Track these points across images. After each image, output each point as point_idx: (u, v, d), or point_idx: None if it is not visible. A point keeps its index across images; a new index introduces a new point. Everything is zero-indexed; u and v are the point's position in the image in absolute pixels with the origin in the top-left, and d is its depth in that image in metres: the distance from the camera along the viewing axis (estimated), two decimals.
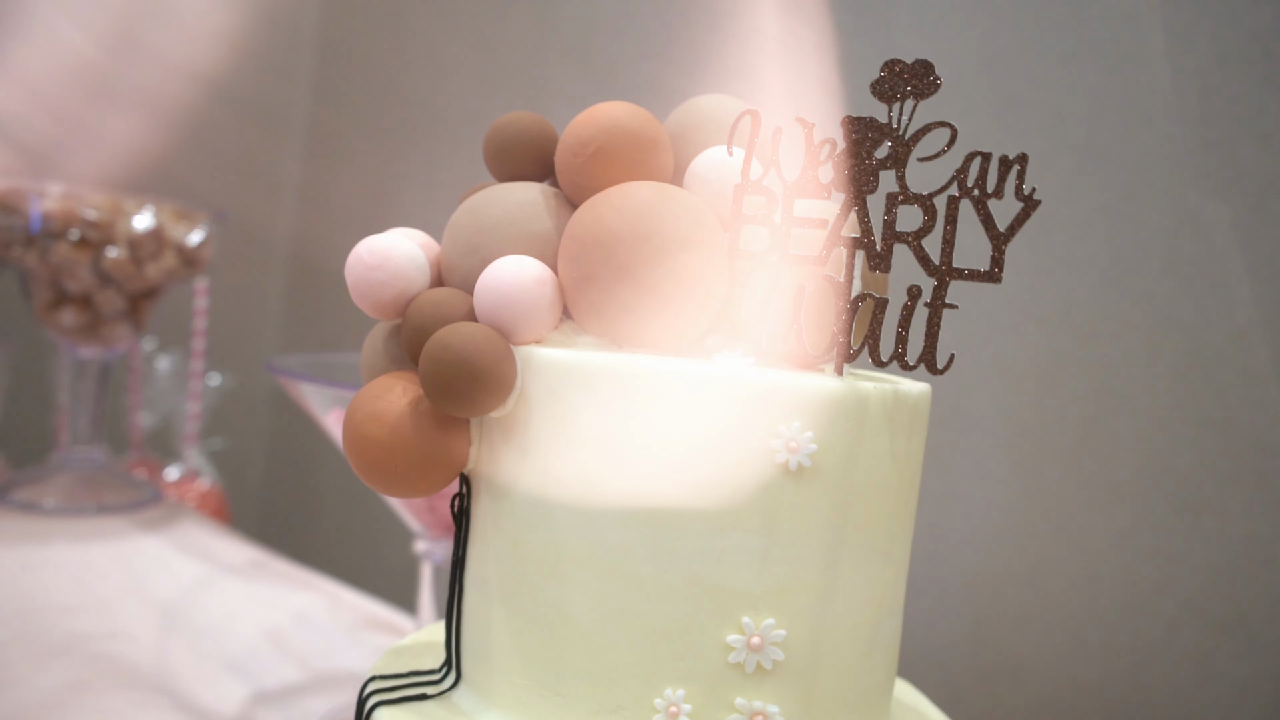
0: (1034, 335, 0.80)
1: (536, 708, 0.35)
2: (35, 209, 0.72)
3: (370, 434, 0.35)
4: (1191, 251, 0.75)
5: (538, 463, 0.35)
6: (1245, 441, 0.73)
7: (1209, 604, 0.74)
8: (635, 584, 0.33)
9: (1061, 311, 0.79)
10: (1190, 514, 0.75)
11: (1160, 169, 0.76)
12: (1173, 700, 0.75)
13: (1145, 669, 0.76)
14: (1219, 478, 0.73)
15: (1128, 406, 0.77)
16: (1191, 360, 0.74)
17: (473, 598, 0.38)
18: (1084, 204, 0.78)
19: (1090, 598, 0.78)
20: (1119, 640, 0.77)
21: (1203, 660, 0.74)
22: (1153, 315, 0.76)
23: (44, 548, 0.73)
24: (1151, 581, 0.76)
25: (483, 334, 0.34)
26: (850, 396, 0.34)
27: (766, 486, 0.33)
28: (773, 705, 0.33)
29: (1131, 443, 0.76)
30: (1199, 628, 0.74)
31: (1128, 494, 0.77)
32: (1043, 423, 0.80)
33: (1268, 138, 0.72)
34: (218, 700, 0.67)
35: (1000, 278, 0.32)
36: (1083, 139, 0.78)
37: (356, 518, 1.30)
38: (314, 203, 1.35)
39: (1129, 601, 0.77)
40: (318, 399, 0.62)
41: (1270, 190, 0.72)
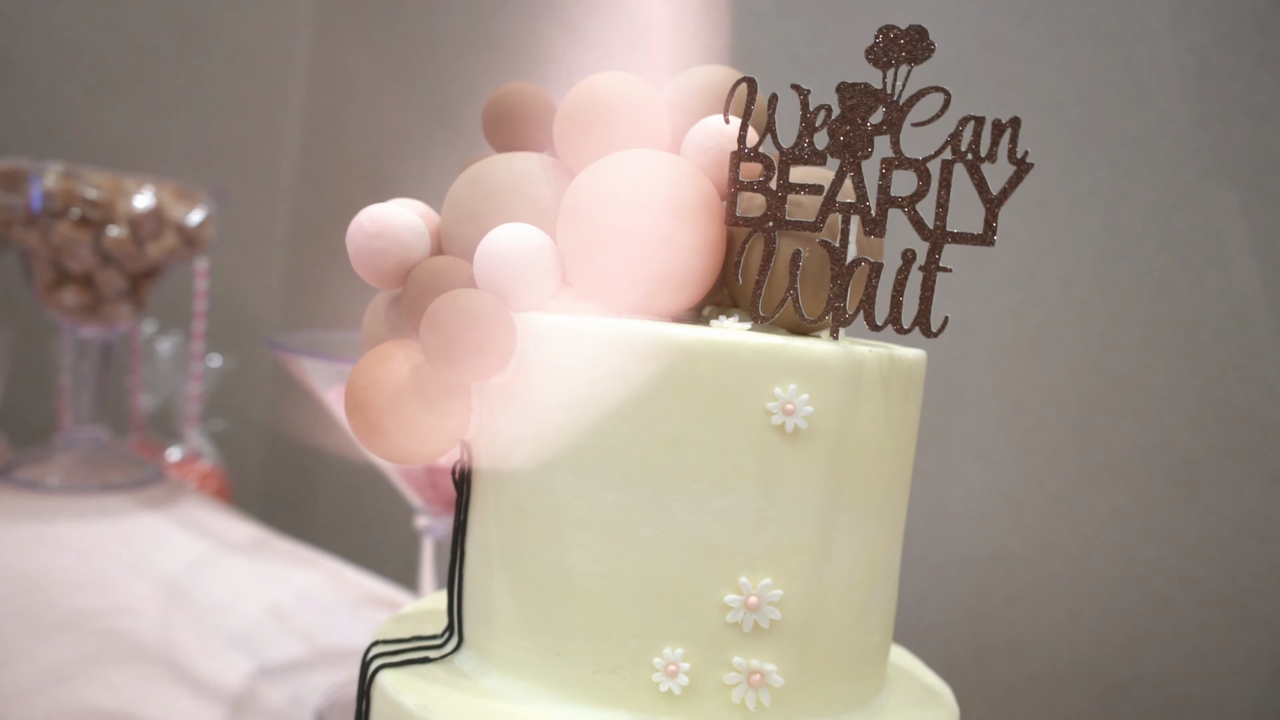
0: (1032, 314, 0.81)
1: (537, 668, 0.36)
2: (36, 188, 0.72)
3: (372, 400, 0.36)
4: (1189, 229, 0.75)
5: (537, 428, 0.35)
6: (1241, 418, 0.73)
7: (1205, 579, 0.74)
8: (634, 545, 0.34)
9: (1059, 290, 0.80)
10: (1186, 490, 0.75)
11: (1157, 147, 0.76)
12: (1168, 674, 0.75)
13: (1141, 644, 0.77)
14: (1215, 454, 0.74)
15: (1125, 384, 0.77)
16: (1188, 338, 0.75)
17: (474, 562, 0.39)
18: (1081, 182, 0.79)
19: (1087, 574, 0.79)
20: (1115, 616, 0.78)
21: (1198, 634, 0.74)
22: (1150, 293, 0.76)
23: (48, 525, 0.74)
24: (1148, 558, 0.76)
25: (483, 300, 0.34)
26: (846, 360, 0.34)
27: (763, 449, 0.33)
28: (770, 664, 0.34)
29: (1128, 420, 0.77)
30: (1195, 603, 0.75)
31: (1124, 471, 0.77)
32: (1040, 401, 0.81)
33: (1264, 114, 0.72)
34: (222, 674, 0.68)
35: (993, 240, 0.32)
36: (1080, 117, 0.78)
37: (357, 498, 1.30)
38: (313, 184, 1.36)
39: (1125, 577, 0.77)
40: (319, 375, 0.62)
41: (1267, 167, 0.72)
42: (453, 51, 1.17)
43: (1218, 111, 0.73)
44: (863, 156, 0.34)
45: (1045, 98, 0.79)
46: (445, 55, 1.18)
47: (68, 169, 0.73)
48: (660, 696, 0.34)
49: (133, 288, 0.81)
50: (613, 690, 0.34)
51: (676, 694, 0.34)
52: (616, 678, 0.34)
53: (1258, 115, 0.72)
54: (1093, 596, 0.79)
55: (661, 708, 0.34)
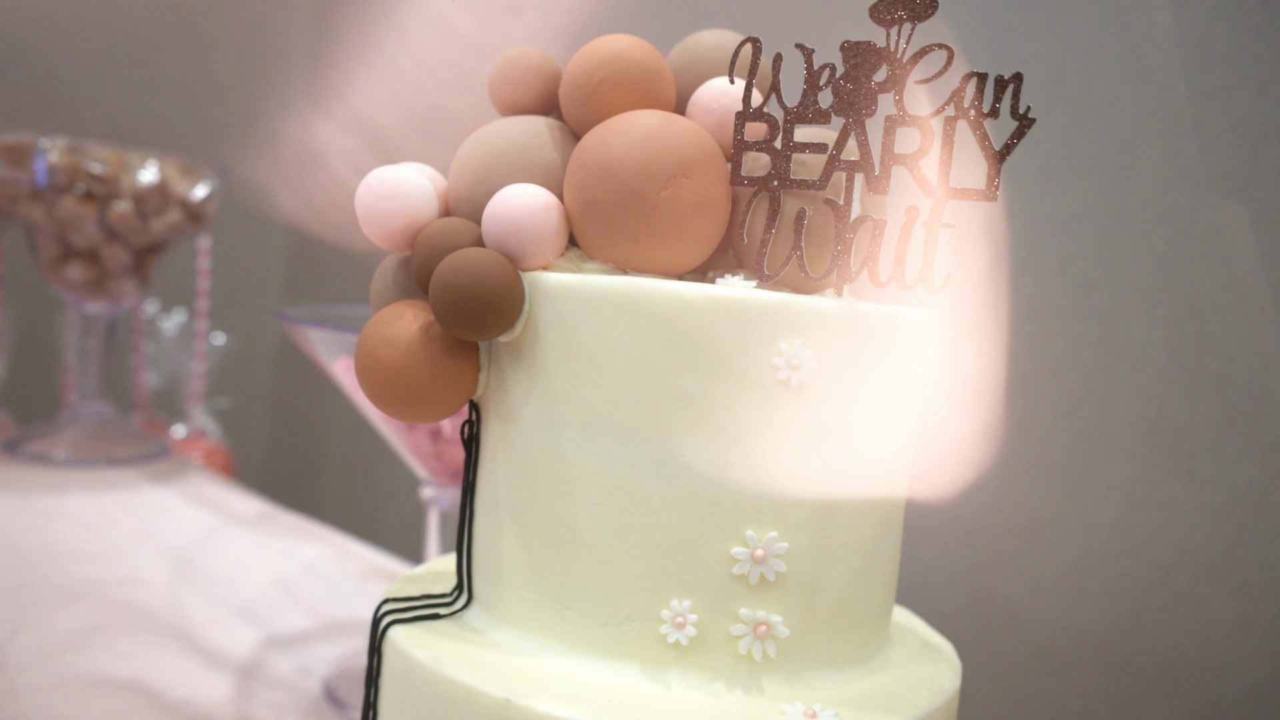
0: (1032, 288, 0.81)
1: (547, 622, 0.36)
2: (41, 162, 0.72)
3: (383, 358, 0.36)
4: (1188, 201, 0.75)
5: (546, 385, 0.36)
6: (1240, 389, 0.73)
7: (1203, 549, 0.75)
8: (642, 499, 0.34)
9: (1059, 264, 0.80)
10: (1185, 461, 0.76)
11: (1157, 119, 0.76)
12: (1167, 644, 0.76)
13: (1140, 615, 0.77)
14: (1214, 425, 0.74)
15: (1124, 357, 0.77)
16: (1187, 310, 0.75)
17: (483, 520, 0.39)
18: (1081, 156, 0.79)
19: (1086, 546, 0.80)
20: (1115, 587, 0.78)
21: (1197, 604, 0.75)
22: (1149, 266, 0.76)
23: (57, 497, 0.75)
24: (1147, 529, 0.77)
25: (491, 257, 0.35)
26: (850, 316, 0.34)
27: (769, 403, 0.34)
28: (776, 615, 0.35)
29: (1128, 393, 0.77)
30: (1193, 573, 0.75)
31: (1123, 443, 0.78)
32: (1039, 374, 0.81)
33: (1265, 87, 0.72)
34: (230, 644, 0.68)
35: (996, 196, 0.33)
36: (1080, 91, 0.78)
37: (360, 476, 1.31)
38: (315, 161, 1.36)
39: (1124, 549, 0.78)
40: (325, 346, 0.63)
41: (1267, 139, 0.72)
42: (457, 20, 1.17)
43: (1218, 84, 0.74)
44: (867, 115, 0.34)
45: (1045, 73, 0.79)
46: (449, 23, 1.18)
47: (72, 143, 0.73)
48: (668, 648, 0.35)
49: (137, 263, 0.81)
50: (621, 642, 0.35)
51: (684, 645, 0.35)
52: (625, 630, 0.35)
53: (1258, 88, 0.72)
54: (1092, 568, 0.79)
55: (669, 659, 0.35)
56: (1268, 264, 0.72)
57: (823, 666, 0.36)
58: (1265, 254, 0.72)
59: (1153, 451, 0.77)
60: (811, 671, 0.36)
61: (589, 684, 0.34)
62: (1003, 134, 0.33)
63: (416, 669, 0.36)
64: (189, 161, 0.80)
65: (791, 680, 0.36)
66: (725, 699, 0.34)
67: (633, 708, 0.33)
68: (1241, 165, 0.73)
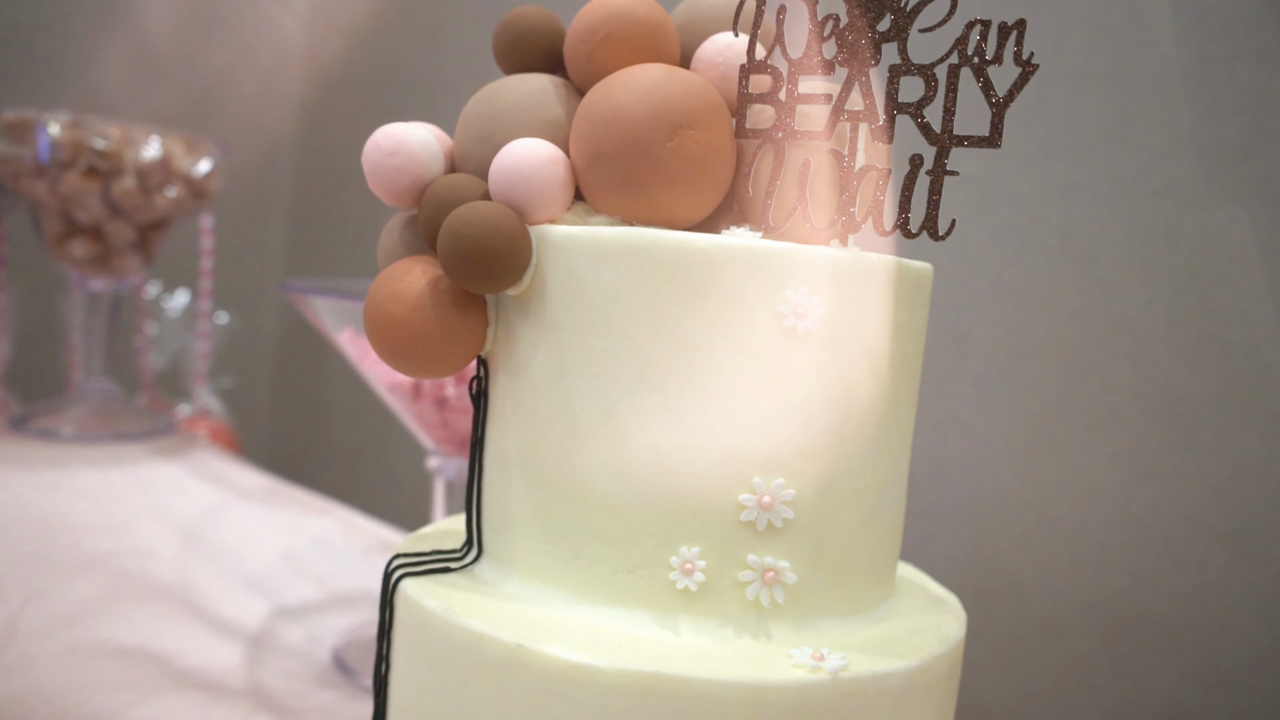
0: (1033, 260, 0.81)
1: (557, 572, 0.37)
2: (43, 138, 0.72)
3: (392, 312, 0.37)
4: (1188, 172, 0.75)
5: (554, 337, 0.36)
6: (1240, 357, 0.74)
7: (1204, 518, 0.75)
8: (650, 448, 0.35)
9: (1061, 236, 0.80)
10: (1186, 430, 0.76)
11: (1157, 90, 0.76)
12: (1169, 612, 0.76)
13: (1142, 583, 0.78)
14: (1214, 394, 0.75)
15: (1125, 327, 0.78)
16: (1189, 280, 0.75)
17: (492, 474, 0.39)
18: (1082, 127, 0.79)
19: (1088, 516, 0.80)
20: (1116, 557, 0.79)
21: (1198, 573, 0.75)
22: (1150, 236, 0.76)
23: (64, 472, 0.75)
24: (1148, 498, 0.77)
25: (498, 209, 0.35)
26: (855, 264, 0.35)
27: (775, 351, 0.34)
28: (783, 561, 0.35)
29: (1129, 363, 0.78)
30: (1194, 541, 0.75)
31: (1125, 414, 0.78)
32: (1041, 346, 0.81)
33: (1265, 56, 0.72)
34: (240, 614, 0.69)
35: (999, 143, 0.33)
36: (1081, 62, 0.78)
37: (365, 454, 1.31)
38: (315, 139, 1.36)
39: (1126, 518, 0.78)
40: (331, 315, 0.63)
41: (1268, 109, 0.72)
42: None
43: (1219, 54, 0.74)
44: (871, 64, 0.34)
45: (1046, 44, 0.79)
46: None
47: (75, 119, 0.74)
48: (677, 594, 0.35)
49: (141, 240, 0.81)
50: (631, 590, 0.35)
51: (693, 591, 0.35)
52: (634, 577, 0.35)
53: (1258, 56, 0.72)
54: (1094, 538, 0.80)
55: (678, 605, 0.35)
56: (1268, 234, 0.72)
57: (830, 614, 0.37)
58: (1265, 224, 0.72)
59: (1153, 421, 0.77)
60: (819, 618, 0.36)
61: (599, 630, 0.35)
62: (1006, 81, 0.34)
63: (428, 619, 0.36)
64: (191, 137, 0.80)
65: (799, 627, 0.36)
66: (734, 644, 0.35)
67: (642, 652, 0.33)
68: (1241, 135, 0.73)
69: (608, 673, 0.32)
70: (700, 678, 0.32)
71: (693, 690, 0.32)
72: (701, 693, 0.32)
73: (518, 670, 0.33)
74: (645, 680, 0.32)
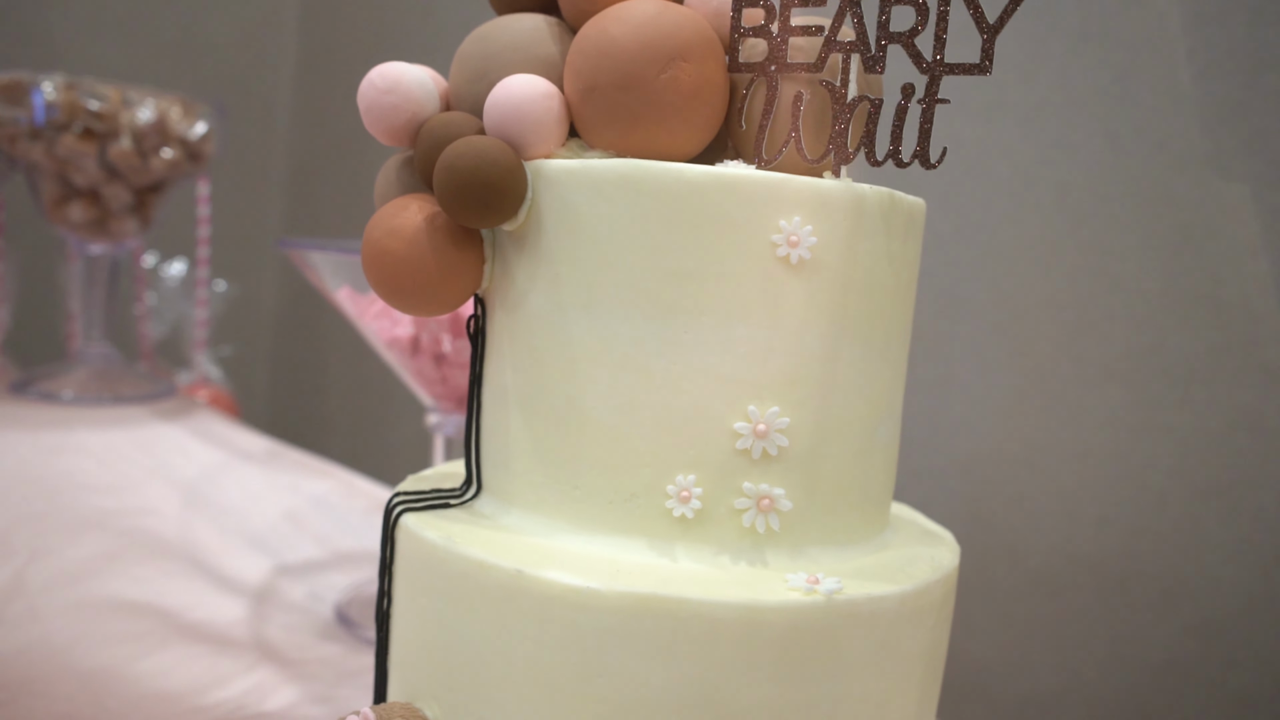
0: (1029, 220, 0.81)
1: (555, 503, 0.37)
2: (38, 100, 0.72)
3: (389, 249, 0.37)
4: (1184, 129, 0.75)
5: (550, 270, 0.37)
6: (1235, 314, 0.74)
7: (1198, 473, 0.76)
8: (646, 377, 0.35)
9: (1056, 195, 0.80)
10: (1180, 387, 0.76)
11: (1153, 48, 0.76)
12: (1164, 568, 0.77)
13: (1136, 539, 0.78)
14: (1208, 350, 0.75)
15: (1121, 285, 0.78)
16: (1183, 237, 0.75)
17: (490, 410, 0.40)
18: (1077, 86, 0.79)
19: (1083, 474, 0.80)
20: (1111, 513, 0.79)
21: (1192, 527, 0.76)
22: (1145, 194, 0.77)
23: (67, 433, 0.76)
24: (1142, 454, 0.78)
25: (494, 143, 0.35)
26: (848, 194, 0.35)
27: (769, 280, 0.35)
28: (778, 488, 0.36)
29: (1124, 321, 0.78)
30: (1188, 496, 0.76)
31: (1120, 371, 0.78)
32: (1037, 305, 0.82)
33: (1260, 12, 0.72)
34: (243, 571, 0.70)
35: (990, 69, 0.33)
36: (1076, 21, 0.78)
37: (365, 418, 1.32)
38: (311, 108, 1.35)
39: (1120, 475, 0.79)
40: (329, 271, 0.63)
41: (1263, 65, 0.72)
42: None
43: (1213, 11, 0.73)
44: None
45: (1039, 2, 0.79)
46: None
47: (69, 80, 0.74)
48: (674, 522, 0.36)
49: (138, 203, 0.82)
50: (628, 518, 0.36)
51: (690, 518, 0.35)
52: (632, 506, 0.36)
53: (1253, 14, 0.72)
54: (1089, 495, 0.80)
55: (675, 533, 0.36)
56: (1263, 190, 0.72)
57: (825, 542, 0.37)
58: (1260, 180, 0.73)
59: (1149, 378, 0.77)
60: (814, 547, 0.37)
61: (597, 557, 0.35)
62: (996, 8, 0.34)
63: (429, 550, 0.37)
64: (187, 99, 0.80)
65: (794, 554, 0.37)
66: (730, 570, 0.35)
67: (640, 577, 0.34)
68: (1237, 92, 0.73)
69: (606, 595, 0.33)
70: (697, 599, 0.32)
71: (689, 611, 0.32)
72: (698, 614, 0.32)
73: (517, 595, 0.34)
74: (643, 602, 0.32)
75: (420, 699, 0.37)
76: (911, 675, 0.37)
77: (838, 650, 0.34)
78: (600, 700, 0.33)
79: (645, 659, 0.33)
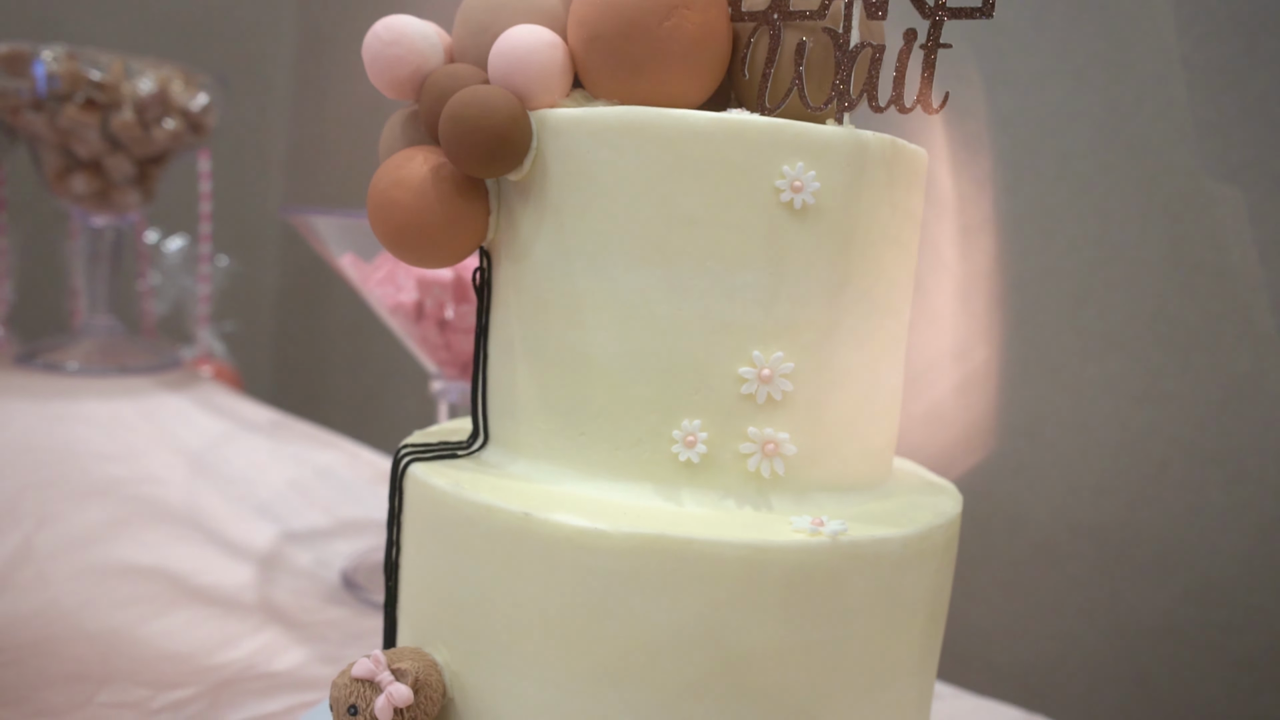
0: (1030, 189, 0.81)
1: (562, 450, 0.38)
2: (40, 70, 0.72)
3: (396, 199, 0.37)
4: (1185, 96, 0.75)
5: (556, 219, 0.37)
6: (1235, 280, 0.74)
7: (1199, 440, 0.76)
8: (651, 323, 0.35)
9: (1058, 165, 0.80)
10: (1181, 354, 0.76)
11: (1152, 16, 0.76)
12: (1165, 534, 0.77)
13: (1137, 507, 0.79)
14: (1209, 317, 0.75)
15: (1122, 254, 0.78)
16: (1184, 204, 0.75)
17: (497, 361, 0.40)
18: (1079, 55, 0.79)
19: (1084, 443, 0.81)
20: (1111, 481, 0.79)
21: (1193, 493, 0.76)
22: (1146, 161, 0.77)
23: (73, 402, 0.76)
24: (1142, 422, 0.78)
25: (499, 92, 0.36)
26: (850, 140, 0.35)
27: (773, 225, 0.35)
28: (783, 433, 0.36)
29: (1125, 289, 0.78)
30: (1189, 463, 0.76)
31: (1121, 339, 0.79)
32: (1039, 276, 0.82)
33: None
34: (250, 537, 0.70)
35: (991, 12, 0.33)
36: None
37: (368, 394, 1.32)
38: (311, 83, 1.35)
39: (1121, 443, 0.79)
40: (333, 236, 0.63)
41: (1263, 31, 0.72)
42: None
43: None
44: None
45: None
46: None
47: (70, 51, 0.74)
48: (680, 467, 0.36)
49: (140, 175, 0.82)
50: (635, 464, 0.36)
51: (695, 463, 0.36)
52: (638, 451, 0.36)
53: None
54: (1090, 464, 0.80)
55: (681, 477, 0.36)
56: (1264, 155, 0.72)
57: (829, 488, 0.38)
58: (1261, 145, 0.73)
59: (1150, 346, 0.77)
60: (818, 492, 0.37)
61: (604, 501, 0.36)
62: None
63: (437, 496, 0.37)
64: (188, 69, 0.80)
65: (799, 499, 0.37)
66: (735, 514, 0.36)
67: (647, 519, 0.34)
68: (1238, 57, 0.73)
69: (613, 536, 0.33)
70: (703, 539, 0.33)
71: (695, 552, 0.33)
72: (704, 554, 0.33)
73: (525, 538, 0.34)
74: (649, 543, 0.33)
75: (429, 644, 0.38)
76: (914, 620, 0.37)
77: (841, 591, 0.34)
78: (607, 640, 0.33)
79: (652, 600, 0.33)
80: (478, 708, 0.36)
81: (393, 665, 0.35)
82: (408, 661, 0.35)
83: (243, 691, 0.51)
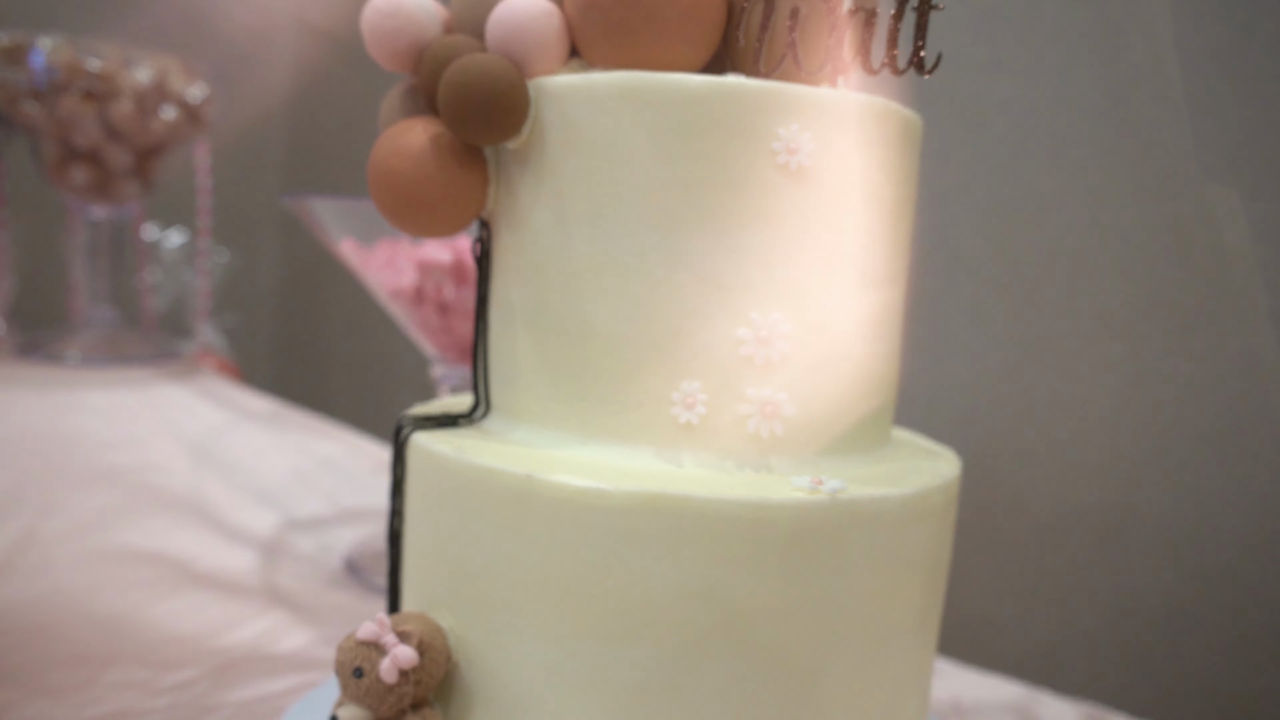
0: (1026, 174, 0.82)
1: (563, 416, 0.38)
2: (39, 59, 0.73)
3: (395, 168, 0.37)
4: (1182, 77, 0.75)
5: (554, 185, 0.37)
6: (1232, 262, 0.74)
7: (1198, 420, 0.76)
8: (650, 287, 0.36)
9: (1053, 149, 0.81)
10: (1179, 335, 0.77)
11: None
12: (1164, 515, 0.77)
13: (1137, 488, 0.79)
14: (1206, 298, 0.75)
15: (1118, 236, 0.78)
16: (1181, 184, 0.76)
17: (497, 330, 0.41)
18: (1073, 39, 0.79)
19: (1083, 425, 0.81)
20: (1111, 463, 0.80)
21: (1192, 474, 0.76)
22: (1143, 143, 0.77)
23: (75, 392, 0.76)
24: (1141, 404, 0.78)
25: (496, 59, 0.36)
26: (845, 102, 0.36)
27: (769, 188, 0.35)
28: (782, 394, 0.36)
29: (1123, 272, 0.78)
30: (1188, 444, 0.76)
31: (1119, 321, 0.79)
32: (1035, 259, 0.82)
33: None
34: (253, 524, 0.70)
35: None
36: None
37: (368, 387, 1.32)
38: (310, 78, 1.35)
39: (1121, 425, 0.79)
40: (333, 221, 0.64)
41: (1258, 11, 0.72)
42: None
43: None
44: None
45: None
46: None
47: (69, 39, 0.74)
48: (679, 429, 0.36)
49: (139, 165, 0.82)
50: (635, 427, 0.37)
51: (695, 424, 0.36)
52: (638, 414, 0.37)
53: None
54: (1090, 446, 0.81)
55: (681, 439, 0.36)
56: (1260, 134, 0.73)
57: (828, 450, 0.38)
58: (1258, 125, 0.73)
59: (1149, 327, 0.78)
60: (818, 455, 0.38)
61: (605, 463, 0.36)
62: None
63: (440, 462, 0.37)
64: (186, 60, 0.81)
65: (798, 461, 0.37)
66: (735, 474, 0.36)
67: (648, 478, 0.34)
68: (1234, 40, 0.73)
69: (614, 495, 0.33)
70: (704, 497, 0.33)
71: (696, 510, 0.33)
72: (704, 513, 0.33)
73: (528, 499, 0.34)
74: (651, 501, 0.33)
75: (434, 609, 0.38)
76: (913, 581, 0.37)
77: (841, 549, 0.34)
78: (610, 599, 0.34)
79: (653, 558, 0.33)
80: (482, 671, 0.36)
81: (398, 628, 0.35)
82: (412, 624, 0.36)
83: (247, 672, 0.51)
